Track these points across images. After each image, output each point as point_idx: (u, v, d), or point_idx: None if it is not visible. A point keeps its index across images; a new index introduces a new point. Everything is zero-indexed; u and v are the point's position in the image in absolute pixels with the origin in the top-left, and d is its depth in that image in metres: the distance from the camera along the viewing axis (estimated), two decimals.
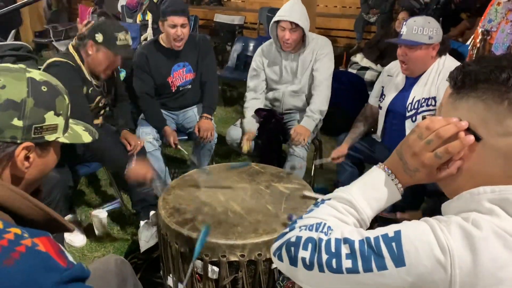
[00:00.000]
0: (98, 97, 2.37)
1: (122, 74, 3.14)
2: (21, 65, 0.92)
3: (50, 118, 0.90)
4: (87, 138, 1.04)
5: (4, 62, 2.93)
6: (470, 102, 0.74)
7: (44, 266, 0.73)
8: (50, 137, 0.92)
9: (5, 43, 3.28)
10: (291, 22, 2.50)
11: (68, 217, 2.43)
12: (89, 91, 2.30)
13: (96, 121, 2.44)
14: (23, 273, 0.70)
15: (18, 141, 0.86)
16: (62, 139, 0.95)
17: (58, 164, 2.27)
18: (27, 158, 0.88)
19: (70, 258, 0.79)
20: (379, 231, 0.72)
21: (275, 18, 2.58)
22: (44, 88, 0.90)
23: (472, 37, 2.51)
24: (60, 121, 0.93)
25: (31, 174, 0.91)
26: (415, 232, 0.70)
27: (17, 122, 0.85)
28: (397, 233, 0.70)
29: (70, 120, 1.01)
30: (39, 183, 0.98)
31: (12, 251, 0.71)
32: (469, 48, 2.61)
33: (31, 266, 0.71)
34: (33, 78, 0.89)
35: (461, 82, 0.76)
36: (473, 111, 0.74)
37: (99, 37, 2.19)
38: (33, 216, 0.84)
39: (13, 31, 4.57)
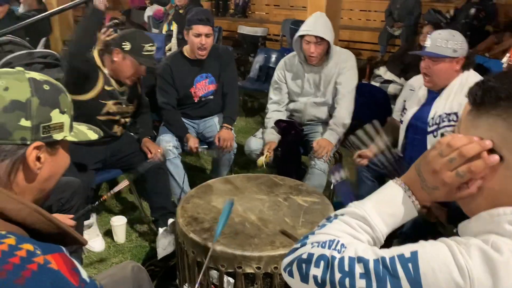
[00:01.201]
0: (119, 101, 2.42)
1: None
2: (19, 68, 0.91)
3: (56, 116, 0.89)
4: (92, 135, 1.03)
5: (32, 69, 3.01)
6: (491, 120, 0.71)
7: (56, 285, 0.71)
8: (58, 136, 0.90)
9: (34, 51, 3.38)
10: (316, 36, 2.50)
11: (88, 222, 2.46)
12: (106, 88, 2.34)
13: (116, 129, 2.49)
14: None
15: (28, 142, 0.85)
16: (70, 138, 0.94)
17: (80, 168, 2.32)
18: (38, 158, 0.87)
19: (84, 275, 0.77)
20: (395, 250, 0.70)
21: (300, 33, 2.58)
22: (46, 87, 0.89)
23: (507, 54, 2.46)
24: (65, 119, 0.92)
25: (43, 176, 0.89)
26: (432, 254, 0.67)
27: (24, 122, 0.84)
28: (414, 254, 0.68)
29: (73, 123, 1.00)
30: (52, 187, 0.96)
31: (23, 269, 0.69)
32: (504, 66, 2.55)
33: (42, 285, 0.69)
34: (33, 78, 0.88)
35: (480, 99, 0.73)
36: (493, 129, 0.71)
37: (127, 45, 2.25)
38: (45, 230, 0.82)
39: (43, 39, 4.71)
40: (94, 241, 2.48)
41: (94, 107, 2.35)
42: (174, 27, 5.16)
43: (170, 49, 4.89)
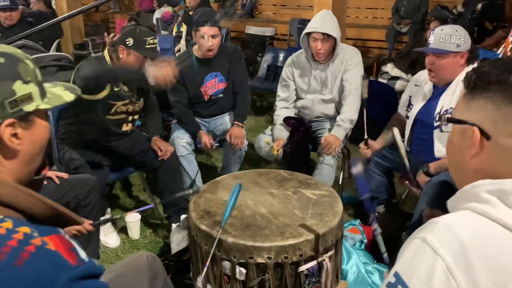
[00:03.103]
0: (127, 101, 2.49)
1: None
2: None
3: (20, 88, 0.83)
4: (68, 96, 0.96)
5: (47, 72, 3.11)
6: (482, 102, 0.76)
7: (54, 265, 0.72)
8: (29, 108, 0.85)
9: (48, 54, 3.48)
10: (323, 33, 2.55)
11: (103, 218, 2.53)
12: (114, 90, 2.40)
13: (125, 128, 2.56)
14: (33, 273, 0.70)
15: None
16: (43, 106, 0.88)
17: (95, 166, 2.39)
18: (14, 135, 0.83)
19: (82, 255, 0.78)
20: (385, 282, 0.74)
21: (307, 30, 2.63)
22: (1, 60, 0.83)
23: (503, 46, 2.50)
24: (32, 88, 0.86)
25: (25, 150, 0.86)
26: (410, 264, 0.71)
27: None
28: (396, 275, 0.72)
29: (47, 84, 0.93)
30: (40, 158, 0.92)
31: (21, 251, 0.70)
32: (499, 56, 2.59)
33: (41, 266, 0.71)
34: None
35: (474, 83, 0.78)
36: (483, 111, 0.76)
37: (130, 41, 2.33)
38: (40, 212, 0.81)
39: (55, 43, 4.81)
40: (110, 237, 2.55)
41: (104, 107, 2.42)
42: (184, 28, 5.22)
43: (179, 50, 4.97)
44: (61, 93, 0.95)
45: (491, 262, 0.66)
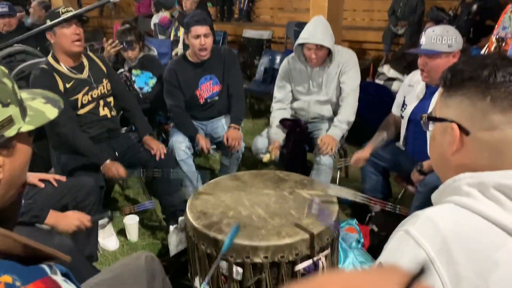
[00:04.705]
0: (86, 88, 2.46)
1: (153, 81, 3.30)
2: None
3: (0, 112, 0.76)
4: (51, 112, 0.86)
5: None
6: (458, 99, 0.79)
7: None
8: (10, 132, 0.77)
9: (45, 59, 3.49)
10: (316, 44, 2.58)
11: (102, 221, 2.55)
12: (67, 86, 2.39)
13: (103, 112, 2.56)
14: None
15: None
16: (26, 127, 0.80)
17: (91, 169, 2.41)
18: None
19: None
20: None
21: (300, 41, 2.64)
22: None
23: (486, 45, 2.53)
24: (12, 110, 0.78)
25: (6, 178, 0.78)
26: (394, 255, 0.73)
27: None
28: (380, 266, 0.74)
29: (25, 95, 0.85)
30: (23, 181, 0.86)
31: None
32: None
33: None
34: None
35: (449, 81, 0.81)
36: (460, 107, 0.79)
37: (48, 22, 2.32)
38: (14, 251, 0.72)
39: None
40: (109, 240, 2.57)
41: (71, 107, 2.40)
42: (181, 32, 5.25)
43: (176, 54, 4.99)
44: (43, 108, 0.86)
45: (472, 253, 0.67)
